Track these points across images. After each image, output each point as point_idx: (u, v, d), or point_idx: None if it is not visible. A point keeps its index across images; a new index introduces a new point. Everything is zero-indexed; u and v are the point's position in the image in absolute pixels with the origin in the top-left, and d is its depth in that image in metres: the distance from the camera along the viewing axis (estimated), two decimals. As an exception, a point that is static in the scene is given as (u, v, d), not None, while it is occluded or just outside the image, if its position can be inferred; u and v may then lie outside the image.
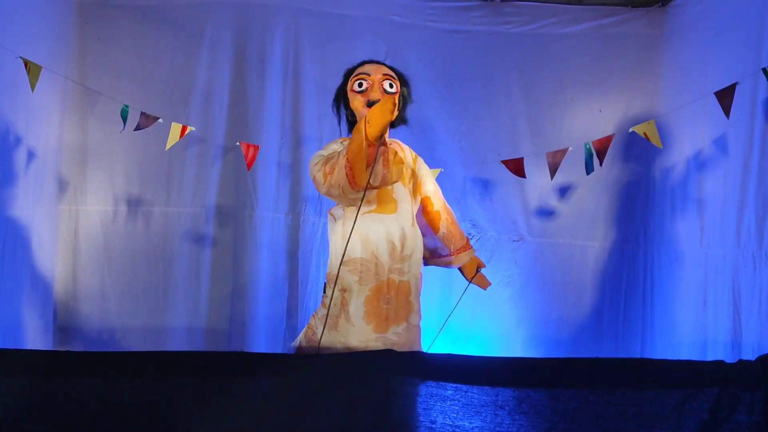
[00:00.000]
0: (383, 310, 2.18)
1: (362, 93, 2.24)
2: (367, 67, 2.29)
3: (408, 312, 2.23)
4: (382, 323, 2.18)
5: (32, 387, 1.68)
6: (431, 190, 2.48)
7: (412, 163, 2.41)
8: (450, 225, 2.50)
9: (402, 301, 2.21)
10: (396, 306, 2.20)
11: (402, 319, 2.21)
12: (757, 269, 2.53)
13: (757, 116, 2.57)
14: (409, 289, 2.24)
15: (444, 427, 1.73)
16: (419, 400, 1.73)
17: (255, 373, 1.77)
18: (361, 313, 2.18)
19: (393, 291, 2.20)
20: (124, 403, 1.70)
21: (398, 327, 2.19)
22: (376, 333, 2.17)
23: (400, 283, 2.21)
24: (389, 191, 2.25)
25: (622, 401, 1.73)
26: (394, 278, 2.20)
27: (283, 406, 1.73)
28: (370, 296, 2.18)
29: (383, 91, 2.23)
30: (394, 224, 2.22)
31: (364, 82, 2.24)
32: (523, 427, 1.72)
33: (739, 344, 2.60)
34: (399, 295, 2.21)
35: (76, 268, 3.40)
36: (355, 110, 2.28)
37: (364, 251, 2.19)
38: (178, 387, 1.72)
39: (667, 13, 3.46)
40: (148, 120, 3.08)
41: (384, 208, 2.23)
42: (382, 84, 2.24)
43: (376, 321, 2.17)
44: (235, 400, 1.72)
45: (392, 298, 2.19)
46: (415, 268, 2.27)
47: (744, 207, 2.64)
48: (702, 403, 1.73)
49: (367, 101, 2.22)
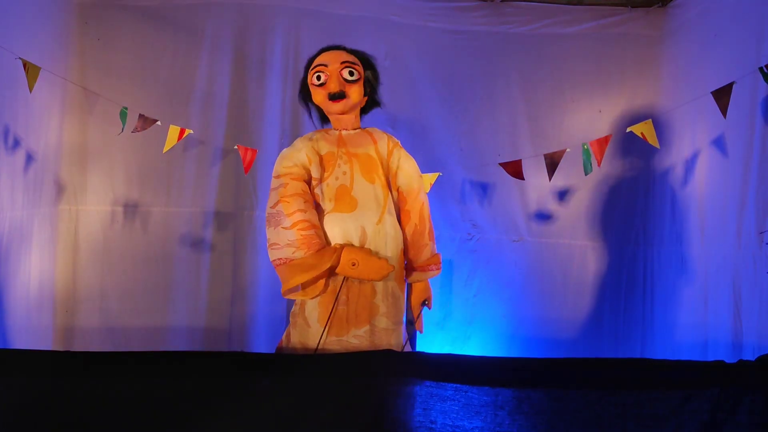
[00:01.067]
0: (340, 312, 2.08)
1: (321, 86, 2.16)
2: (324, 57, 2.18)
3: (371, 314, 2.10)
4: (341, 325, 2.08)
5: (32, 387, 1.68)
6: (404, 184, 2.25)
7: (386, 152, 2.25)
8: (415, 234, 2.23)
9: (363, 303, 2.09)
10: (356, 308, 2.09)
11: (363, 322, 2.09)
12: (757, 269, 2.53)
13: (757, 116, 2.57)
14: (372, 291, 2.10)
15: (444, 427, 1.73)
16: (419, 400, 1.73)
17: (255, 373, 1.77)
18: (316, 314, 2.10)
19: (353, 292, 2.09)
20: (125, 403, 1.70)
21: (359, 330, 2.09)
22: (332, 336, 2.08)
23: (361, 284, 2.09)
24: (347, 188, 2.13)
25: (622, 401, 1.73)
26: (354, 280, 2.08)
27: (283, 406, 1.73)
28: (326, 297, 2.09)
29: (343, 80, 2.14)
30: (353, 224, 2.09)
31: (322, 74, 2.15)
32: (523, 427, 1.71)
33: (740, 345, 2.60)
34: (359, 297, 2.09)
35: (76, 268, 3.39)
36: (319, 104, 2.21)
37: None
38: (178, 387, 1.71)
39: (667, 13, 3.46)
40: (146, 122, 3.08)
41: (341, 206, 2.11)
42: (341, 74, 2.14)
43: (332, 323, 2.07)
44: (235, 400, 1.72)
45: (350, 300, 2.09)
46: None
47: (744, 207, 2.64)
48: (702, 403, 1.73)
49: (327, 94, 2.14)
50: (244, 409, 1.73)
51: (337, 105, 2.16)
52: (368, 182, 2.16)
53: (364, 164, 2.17)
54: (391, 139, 2.29)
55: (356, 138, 2.22)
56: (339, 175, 2.14)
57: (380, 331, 2.11)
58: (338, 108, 2.17)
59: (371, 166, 2.18)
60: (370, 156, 2.19)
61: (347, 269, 2.01)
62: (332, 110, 2.19)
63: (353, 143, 2.20)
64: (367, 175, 2.16)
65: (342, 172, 2.14)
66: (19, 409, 1.67)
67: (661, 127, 3.11)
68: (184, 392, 1.71)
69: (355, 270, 2.00)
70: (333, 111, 2.19)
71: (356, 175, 2.14)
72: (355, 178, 2.14)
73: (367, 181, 2.15)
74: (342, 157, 2.15)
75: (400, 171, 2.25)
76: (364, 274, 2.01)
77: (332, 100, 2.15)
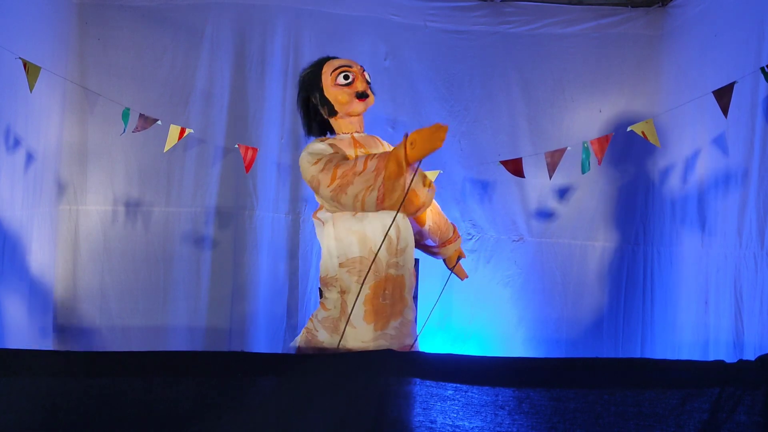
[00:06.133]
0: (383, 307, 2.15)
1: (348, 85, 2.19)
2: (346, 60, 2.25)
3: (403, 307, 2.18)
4: (383, 320, 2.14)
5: (32, 387, 1.68)
6: None
7: None
8: (436, 216, 2.43)
9: (398, 296, 2.17)
10: (392, 301, 2.16)
11: (398, 314, 2.17)
12: (758, 269, 2.53)
13: (758, 116, 2.57)
14: (403, 284, 2.18)
15: (444, 427, 1.73)
16: (419, 400, 1.73)
17: (255, 373, 1.77)
18: (362, 314, 2.14)
19: (390, 286, 2.16)
20: (125, 403, 1.70)
21: (395, 322, 2.16)
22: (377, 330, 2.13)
23: (397, 277, 2.16)
24: None
25: (622, 401, 1.72)
26: (391, 273, 2.15)
27: (283, 406, 1.73)
28: (370, 295, 2.14)
29: (365, 81, 2.21)
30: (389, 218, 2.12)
31: (350, 74, 2.20)
32: (523, 427, 1.71)
33: (741, 344, 2.60)
34: (395, 290, 2.17)
35: (76, 268, 3.40)
36: (342, 103, 2.21)
37: (362, 249, 2.15)
38: (178, 387, 1.71)
39: (667, 13, 3.46)
40: (147, 122, 3.09)
41: None
42: (363, 75, 2.22)
43: (376, 319, 2.14)
44: (235, 400, 1.72)
45: (389, 294, 2.16)
46: (409, 262, 2.21)
47: (745, 206, 2.64)
48: (702, 403, 1.72)
49: (355, 93, 2.18)
50: (244, 409, 1.73)
51: (362, 104, 2.21)
52: None
53: None
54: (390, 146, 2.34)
55: (367, 140, 2.27)
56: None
57: (407, 323, 2.19)
58: (362, 107, 2.22)
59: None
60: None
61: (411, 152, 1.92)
62: (358, 109, 2.22)
63: (367, 144, 2.25)
64: None
65: None
66: (20, 409, 1.67)
67: (661, 127, 3.11)
68: (184, 392, 1.71)
69: (415, 150, 1.91)
70: (358, 110, 2.23)
71: None
72: None
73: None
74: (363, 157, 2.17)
75: None
76: (427, 146, 1.90)
77: (360, 98, 2.19)
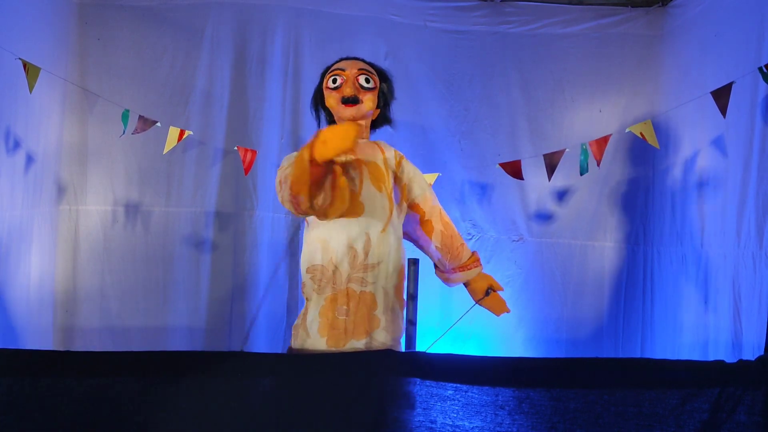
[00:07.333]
0: (340, 323, 2.02)
1: (336, 89, 2.14)
2: (342, 63, 2.18)
3: (370, 327, 2.04)
4: (339, 336, 2.02)
5: (32, 387, 1.68)
6: (419, 195, 2.26)
7: (395, 164, 2.22)
8: (446, 239, 2.27)
9: (363, 314, 2.03)
10: (355, 319, 2.02)
11: (362, 334, 2.03)
12: (757, 269, 2.53)
13: (757, 116, 2.57)
14: (373, 302, 2.05)
15: (444, 427, 1.73)
16: (419, 400, 1.73)
17: (255, 373, 1.77)
18: (317, 325, 2.04)
19: (353, 302, 2.03)
20: (124, 403, 1.70)
21: (358, 342, 2.02)
22: (331, 346, 2.01)
23: (362, 293, 2.04)
24: (355, 193, 2.06)
25: (622, 401, 1.73)
26: (354, 288, 2.03)
27: (283, 405, 1.73)
28: (326, 306, 2.03)
29: (358, 87, 2.12)
30: (358, 229, 2.04)
31: (339, 77, 2.14)
32: (523, 427, 1.72)
33: (740, 344, 2.60)
34: (360, 307, 2.03)
35: (76, 268, 3.40)
36: (331, 108, 2.18)
37: (324, 257, 2.05)
38: (177, 387, 1.72)
39: (667, 13, 3.46)
40: (146, 124, 3.09)
41: (348, 211, 2.03)
42: (357, 79, 2.13)
43: (331, 333, 2.02)
44: (235, 400, 1.72)
45: (351, 310, 2.03)
46: (386, 280, 2.08)
47: (744, 207, 2.64)
48: (702, 403, 1.73)
49: (341, 98, 2.12)
50: (244, 409, 1.73)
51: (350, 109, 2.13)
52: (376, 190, 2.11)
53: (372, 172, 2.13)
54: (397, 152, 2.27)
55: (365, 147, 2.18)
56: (347, 179, 2.08)
57: (379, 345, 2.05)
58: (350, 113, 2.13)
59: (379, 174, 2.14)
60: (378, 165, 2.16)
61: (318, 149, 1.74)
62: (344, 115, 2.15)
63: (362, 151, 2.16)
64: (376, 183, 2.12)
65: (350, 177, 2.08)
66: (20, 409, 1.67)
67: (661, 127, 3.12)
68: (184, 392, 1.71)
69: (324, 148, 1.73)
70: (344, 115, 2.15)
71: (365, 181, 2.10)
72: (363, 184, 2.09)
73: (375, 189, 2.11)
74: (351, 163, 2.11)
75: (414, 183, 2.24)
76: (338, 144, 1.73)
77: (345, 104, 2.12)
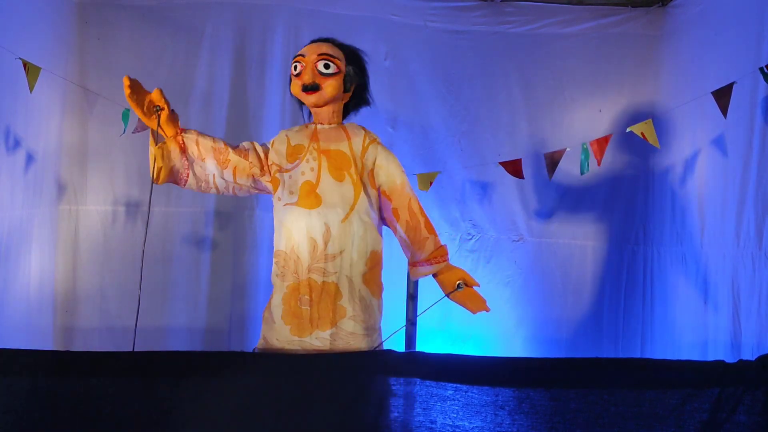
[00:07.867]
0: (303, 312, 2.05)
1: (297, 76, 2.13)
2: (305, 49, 2.16)
3: (336, 317, 2.05)
4: (303, 325, 2.04)
5: (32, 387, 1.68)
6: (385, 182, 2.16)
7: (360, 150, 2.15)
8: (410, 230, 2.16)
9: (327, 305, 2.04)
10: (319, 309, 2.05)
11: (328, 324, 2.04)
12: (756, 269, 2.53)
13: (757, 116, 2.57)
14: (337, 292, 2.05)
15: (444, 427, 1.73)
16: (419, 400, 1.74)
17: (255, 372, 1.77)
18: (280, 311, 2.07)
19: (315, 293, 2.04)
20: (124, 403, 1.70)
21: (323, 332, 2.04)
22: (295, 335, 2.04)
23: (324, 284, 2.05)
24: (312, 184, 2.09)
25: (622, 401, 1.73)
26: (315, 278, 2.04)
27: (283, 405, 1.73)
28: (288, 294, 2.06)
29: (317, 73, 2.10)
30: (318, 220, 2.05)
31: (299, 64, 2.13)
32: (523, 427, 1.72)
33: (739, 344, 2.60)
34: (323, 298, 2.05)
35: (76, 268, 3.39)
36: (296, 95, 2.19)
37: (287, 245, 2.07)
38: (178, 387, 1.72)
39: (667, 13, 3.46)
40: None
41: (305, 201, 2.07)
42: (315, 65, 2.10)
43: (295, 322, 2.05)
44: (234, 400, 1.72)
45: (313, 300, 2.04)
46: (350, 269, 2.07)
47: (743, 207, 2.64)
48: (702, 403, 1.73)
49: (301, 85, 2.11)
50: (244, 409, 1.73)
51: (311, 97, 2.12)
52: (336, 180, 2.10)
53: (334, 161, 2.12)
54: (368, 135, 2.19)
55: (330, 133, 2.18)
56: (306, 170, 2.11)
57: (346, 335, 2.06)
58: (312, 100, 2.14)
59: (342, 163, 2.12)
60: (342, 153, 2.14)
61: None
62: (306, 102, 2.17)
63: (326, 138, 2.16)
64: (336, 173, 2.11)
65: (309, 168, 2.11)
66: (20, 409, 1.67)
67: (661, 127, 3.11)
68: (184, 392, 1.71)
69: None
70: (307, 103, 2.18)
71: (323, 173, 2.10)
72: (322, 176, 2.10)
73: (334, 179, 2.10)
74: (312, 152, 2.13)
75: (379, 169, 2.17)
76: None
77: (305, 91, 2.12)
